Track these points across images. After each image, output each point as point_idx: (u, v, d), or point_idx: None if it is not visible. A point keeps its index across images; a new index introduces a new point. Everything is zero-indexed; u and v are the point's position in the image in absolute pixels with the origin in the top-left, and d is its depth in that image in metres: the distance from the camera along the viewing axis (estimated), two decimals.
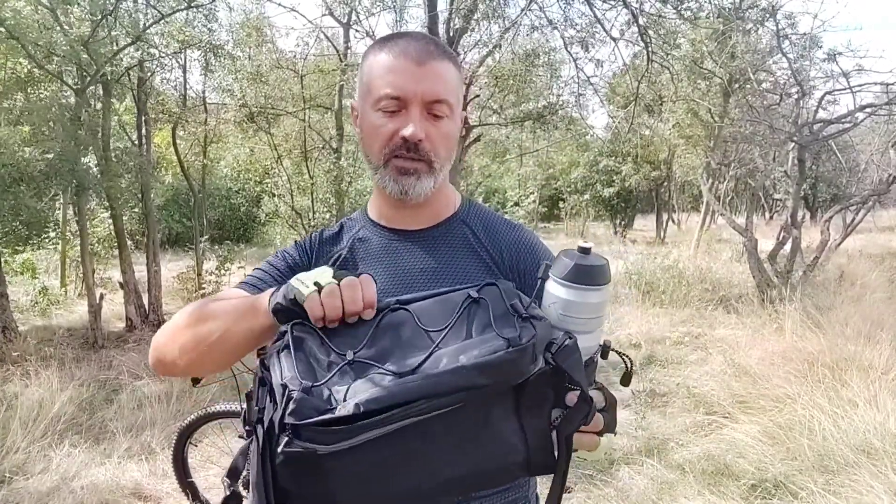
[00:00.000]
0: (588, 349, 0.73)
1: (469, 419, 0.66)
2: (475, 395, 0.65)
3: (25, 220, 6.14)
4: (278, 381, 0.64)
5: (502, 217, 1.01)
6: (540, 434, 0.69)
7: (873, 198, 7.69)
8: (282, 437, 0.61)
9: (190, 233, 9.46)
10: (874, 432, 2.94)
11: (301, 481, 0.63)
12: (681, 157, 13.32)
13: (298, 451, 0.60)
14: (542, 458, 0.70)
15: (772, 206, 20.50)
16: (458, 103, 0.91)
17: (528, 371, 0.67)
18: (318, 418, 0.60)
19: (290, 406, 0.61)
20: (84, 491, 2.81)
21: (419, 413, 0.62)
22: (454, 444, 0.66)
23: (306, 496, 0.64)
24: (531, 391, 0.68)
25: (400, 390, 0.62)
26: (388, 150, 0.87)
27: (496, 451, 0.68)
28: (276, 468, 0.63)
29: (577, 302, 0.71)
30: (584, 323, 0.72)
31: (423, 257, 0.92)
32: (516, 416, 0.68)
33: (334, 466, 0.62)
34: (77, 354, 5.10)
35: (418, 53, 0.85)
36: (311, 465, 0.61)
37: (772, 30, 6.78)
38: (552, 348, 0.68)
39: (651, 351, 5.13)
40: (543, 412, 0.69)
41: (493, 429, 0.67)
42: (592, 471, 3.00)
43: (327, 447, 0.60)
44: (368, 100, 0.88)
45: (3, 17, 4.54)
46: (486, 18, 6.77)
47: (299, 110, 7.85)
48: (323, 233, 1.00)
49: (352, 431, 0.60)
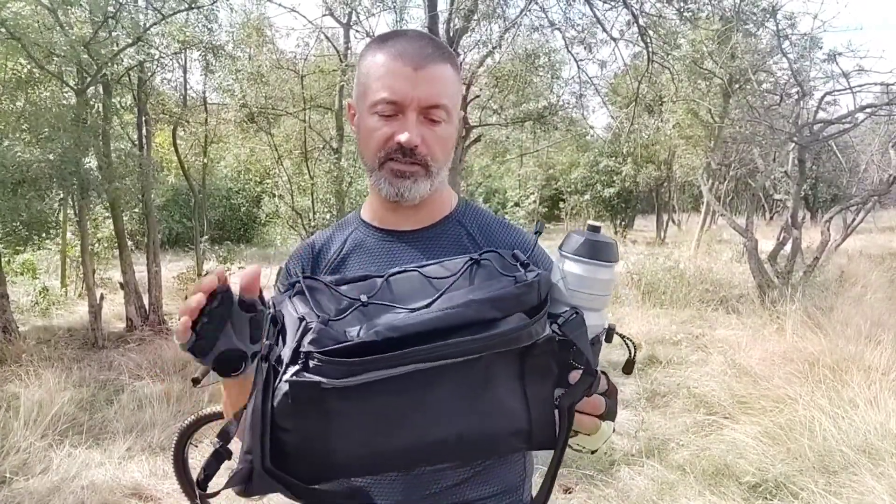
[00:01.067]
0: (593, 328, 0.73)
1: (474, 377, 0.66)
2: (481, 357, 0.65)
3: (26, 221, 6.14)
4: (294, 315, 0.65)
5: (499, 218, 1.01)
6: (543, 405, 0.69)
7: (873, 198, 7.69)
8: (291, 367, 0.61)
9: (190, 233, 9.47)
10: (875, 433, 2.94)
11: (299, 418, 0.62)
12: (681, 158, 13.32)
13: (304, 382, 0.60)
14: (544, 432, 0.69)
15: (772, 207, 20.50)
16: (456, 106, 0.90)
17: (537, 333, 0.67)
18: (337, 346, 0.61)
19: (308, 335, 0.62)
20: (84, 491, 2.81)
21: (430, 358, 0.62)
22: (458, 400, 0.65)
23: (302, 435, 0.62)
24: (536, 360, 0.69)
25: (416, 320, 0.63)
26: (383, 153, 0.86)
27: (498, 413, 0.67)
28: (275, 404, 0.62)
29: (586, 277, 0.73)
30: (591, 299, 0.74)
31: (418, 257, 0.92)
32: (520, 383, 0.69)
33: (336, 407, 0.61)
34: (77, 355, 5.10)
35: (415, 57, 0.84)
36: (313, 401, 0.61)
37: (772, 30, 6.79)
38: (559, 320, 0.70)
39: (651, 351, 5.12)
40: (547, 384, 0.70)
41: (497, 391, 0.67)
42: (593, 471, 3.00)
43: (334, 381, 0.60)
44: (365, 102, 0.88)
45: (4, 17, 4.54)
46: (486, 18, 6.77)
47: (300, 111, 7.86)
48: (314, 243, 1.00)
49: (362, 365, 0.60)
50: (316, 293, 0.69)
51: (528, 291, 0.68)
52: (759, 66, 7.86)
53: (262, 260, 11.17)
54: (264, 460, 0.61)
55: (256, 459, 0.62)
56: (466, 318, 0.64)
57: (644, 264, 7.95)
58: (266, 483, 0.63)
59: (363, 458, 0.64)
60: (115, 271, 6.90)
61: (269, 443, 0.62)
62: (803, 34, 7.35)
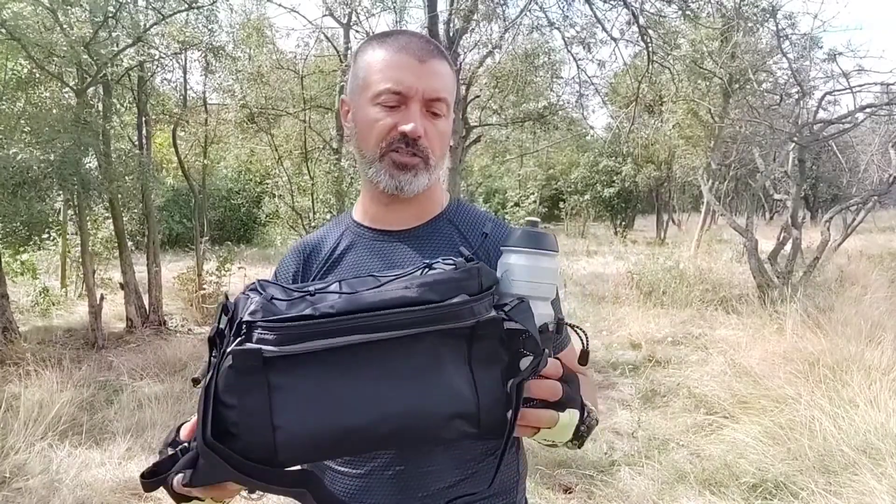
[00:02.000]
0: (541, 316, 0.75)
1: (420, 358, 0.66)
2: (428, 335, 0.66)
3: (26, 221, 6.14)
4: (243, 298, 0.66)
5: (489, 215, 1.01)
6: (491, 390, 0.69)
7: (873, 198, 7.69)
8: (233, 341, 0.61)
9: (190, 233, 9.47)
10: (875, 433, 2.94)
11: (243, 392, 0.61)
12: (681, 158, 13.32)
13: (246, 350, 0.60)
14: (491, 416, 0.68)
15: (772, 207, 20.50)
16: (453, 103, 0.92)
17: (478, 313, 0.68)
18: (273, 317, 0.62)
19: (250, 307, 0.63)
20: (84, 491, 2.81)
21: (369, 328, 0.63)
22: (402, 378, 0.65)
23: (245, 411, 0.61)
24: (483, 344, 0.69)
25: (356, 299, 0.64)
26: (385, 143, 0.86)
27: (444, 395, 0.66)
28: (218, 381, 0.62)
29: (527, 266, 0.76)
30: (536, 288, 0.76)
31: (410, 256, 0.92)
32: (468, 368, 0.68)
33: (278, 381, 0.61)
34: (77, 355, 5.10)
35: (419, 50, 0.86)
36: (256, 372, 0.61)
37: (772, 30, 6.78)
38: (505, 308, 0.70)
39: (651, 351, 5.12)
40: (495, 370, 0.69)
41: (443, 372, 0.67)
42: (593, 471, 3.00)
43: (274, 348, 0.60)
44: (366, 94, 0.87)
45: (4, 17, 4.54)
46: (485, 19, 6.77)
47: (300, 111, 7.86)
48: (304, 246, 1.00)
49: (301, 329, 0.61)
50: (268, 287, 0.70)
51: (468, 277, 0.70)
52: (759, 65, 7.85)
53: (262, 260, 11.16)
54: (206, 433, 0.60)
55: (199, 434, 0.61)
56: (406, 299, 0.65)
57: (644, 264, 7.95)
58: (211, 463, 0.61)
59: (307, 437, 0.63)
60: (115, 271, 6.90)
61: (210, 417, 0.61)
62: (803, 34, 7.35)
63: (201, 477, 0.63)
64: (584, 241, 15.40)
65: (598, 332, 5.92)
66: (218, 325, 0.66)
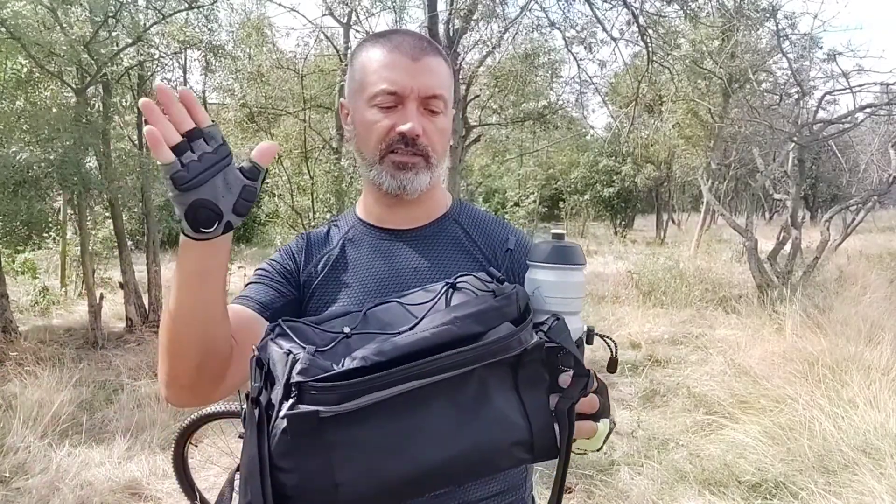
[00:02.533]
0: (575, 330, 0.75)
1: (470, 393, 0.66)
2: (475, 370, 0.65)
3: (26, 220, 6.13)
4: (280, 351, 0.63)
5: (492, 215, 1.02)
6: (541, 412, 0.69)
7: (873, 198, 7.70)
8: (285, 403, 0.59)
9: None
10: (874, 432, 2.94)
11: (300, 455, 0.60)
12: (681, 158, 13.32)
13: (302, 413, 0.58)
14: (544, 440, 0.69)
15: (772, 207, 20.51)
16: (451, 100, 0.91)
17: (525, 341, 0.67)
18: (327, 374, 0.60)
19: (297, 367, 0.60)
20: (84, 491, 2.81)
21: (424, 374, 0.62)
22: (456, 417, 0.65)
23: (304, 474, 0.60)
24: (528, 369, 0.69)
25: (403, 342, 0.63)
26: (384, 145, 0.86)
27: (498, 427, 0.66)
28: (272, 446, 0.60)
29: (559, 282, 0.75)
30: (568, 303, 0.75)
31: (416, 257, 0.92)
32: (516, 393, 0.68)
33: (336, 438, 0.60)
34: (77, 354, 5.10)
35: (412, 49, 0.85)
36: (312, 434, 0.59)
37: (772, 30, 6.79)
38: (543, 328, 0.70)
39: (651, 351, 5.13)
40: (542, 392, 0.69)
41: (493, 404, 0.66)
42: (593, 471, 3.00)
43: (330, 408, 0.59)
44: (363, 96, 0.87)
45: (4, 17, 4.54)
46: (485, 18, 6.78)
47: (299, 110, 7.85)
48: (310, 236, 0.99)
49: (356, 386, 0.59)
50: (298, 331, 0.68)
51: (508, 304, 0.69)
52: (758, 65, 7.86)
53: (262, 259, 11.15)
54: None
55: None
56: (453, 335, 0.64)
57: (644, 264, 7.95)
58: None
59: (369, 489, 0.62)
60: (115, 271, 6.90)
61: (270, 488, 0.60)
62: (803, 34, 7.35)
63: None
64: (583, 240, 15.41)
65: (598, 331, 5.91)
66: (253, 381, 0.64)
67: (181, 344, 0.76)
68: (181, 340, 0.76)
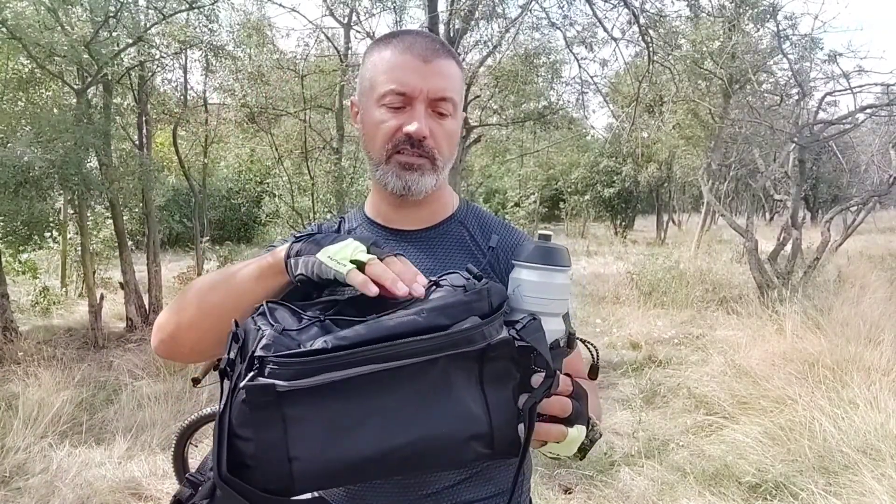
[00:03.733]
0: (552, 332, 0.74)
1: (432, 382, 0.65)
2: (439, 359, 0.65)
3: (26, 220, 6.14)
4: (253, 328, 0.66)
5: (499, 219, 1.02)
6: (503, 409, 0.68)
7: (874, 199, 7.69)
8: (246, 375, 0.61)
9: (190, 233, 9.47)
10: (875, 433, 2.94)
11: (257, 426, 0.62)
12: (681, 158, 13.32)
13: (259, 385, 0.60)
14: (504, 436, 0.68)
15: (772, 207, 20.51)
16: (461, 102, 0.91)
17: (490, 335, 0.67)
18: (286, 352, 0.61)
19: (262, 341, 0.62)
20: (84, 491, 2.81)
21: (382, 358, 0.62)
22: (415, 404, 0.65)
23: (261, 444, 0.62)
24: (495, 364, 0.68)
25: (367, 330, 0.63)
26: (391, 145, 0.87)
27: (457, 417, 0.66)
28: (233, 415, 0.62)
29: (539, 282, 0.75)
30: (547, 304, 0.75)
31: (420, 258, 0.92)
32: (479, 387, 0.68)
33: (293, 413, 0.61)
34: (77, 354, 5.10)
35: (424, 50, 0.85)
36: (270, 407, 0.61)
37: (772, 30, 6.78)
38: (516, 326, 0.70)
39: (651, 351, 5.12)
40: (507, 387, 0.69)
41: (456, 395, 0.66)
42: (593, 471, 3.00)
43: (287, 383, 0.60)
44: (372, 95, 0.88)
45: (5, 17, 4.54)
46: (485, 18, 6.78)
47: (300, 111, 7.85)
48: (322, 227, 1.00)
49: (313, 364, 0.61)
50: (276, 311, 0.70)
51: (478, 299, 0.68)
52: (759, 66, 7.85)
53: None
54: (222, 468, 0.61)
55: (215, 468, 0.62)
56: (417, 326, 0.64)
57: (644, 264, 7.95)
58: (228, 496, 0.62)
59: (324, 466, 0.63)
60: (116, 271, 6.90)
61: (226, 451, 0.62)
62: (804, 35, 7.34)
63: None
64: (584, 241, 15.41)
65: (599, 332, 5.92)
66: (228, 353, 0.66)
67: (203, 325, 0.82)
68: (202, 326, 0.81)
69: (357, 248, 0.72)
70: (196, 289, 0.84)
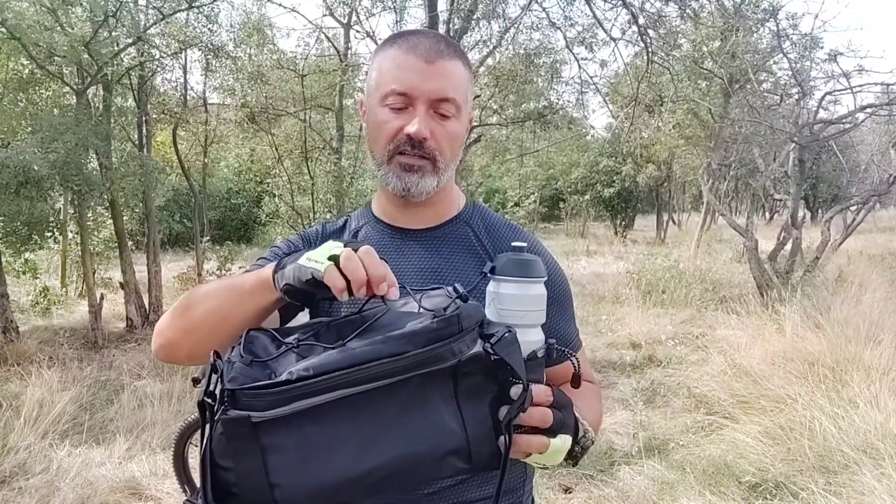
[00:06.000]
0: (529, 343, 0.74)
1: (405, 400, 0.66)
2: (412, 378, 0.65)
3: (26, 220, 6.14)
4: (226, 359, 0.66)
5: (505, 220, 1.01)
6: (479, 423, 0.68)
7: (874, 198, 7.70)
8: (221, 408, 0.62)
9: (190, 233, 9.47)
10: (875, 433, 2.94)
11: (236, 456, 0.63)
12: (681, 158, 13.31)
13: (234, 417, 0.61)
14: (482, 450, 0.68)
15: (772, 207, 20.50)
16: (466, 103, 0.90)
17: (460, 352, 0.67)
18: (252, 384, 0.62)
19: (230, 374, 0.63)
20: (84, 491, 2.81)
21: (350, 383, 0.63)
22: (389, 423, 0.65)
23: (242, 473, 0.63)
24: (470, 379, 0.68)
25: (332, 359, 0.64)
26: (392, 146, 0.86)
27: (433, 434, 0.66)
28: (213, 446, 0.63)
29: (513, 294, 0.75)
30: (522, 315, 0.75)
31: (425, 257, 0.92)
32: (454, 401, 0.68)
33: (270, 443, 0.63)
34: (78, 354, 5.10)
35: (428, 51, 0.85)
36: (247, 438, 0.62)
37: (772, 30, 6.78)
38: (491, 339, 0.69)
39: (651, 351, 5.13)
40: (483, 401, 0.69)
41: (430, 411, 0.67)
42: (593, 471, 3.00)
43: (261, 414, 0.61)
44: (375, 95, 0.88)
45: (5, 17, 4.54)
46: (485, 18, 6.77)
47: (300, 111, 7.85)
48: (326, 226, 1.00)
49: (283, 393, 0.62)
50: (253, 340, 0.70)
51: (447, 326, 0.67)
52: (759, 66, 7.85)
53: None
54: (207, 497, 0.63)
55: (202, 498, 0.63)
56: (382, 354, 0.64)
57: (644, 264, 7.96)
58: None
59: (305, 492, 0.64)
60: (116, 271, 6.90)
61: (210, 481, 0.63)
62: (804, 34, 7.34)
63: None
64: (584, 240, 15.40)
65: (599, 331, 5.92)
66: (208, 386, 0.66)
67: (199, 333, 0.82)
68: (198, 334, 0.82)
69: (334, 245, 0.72)
70: (195, 296, 0.84)
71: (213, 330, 0.80)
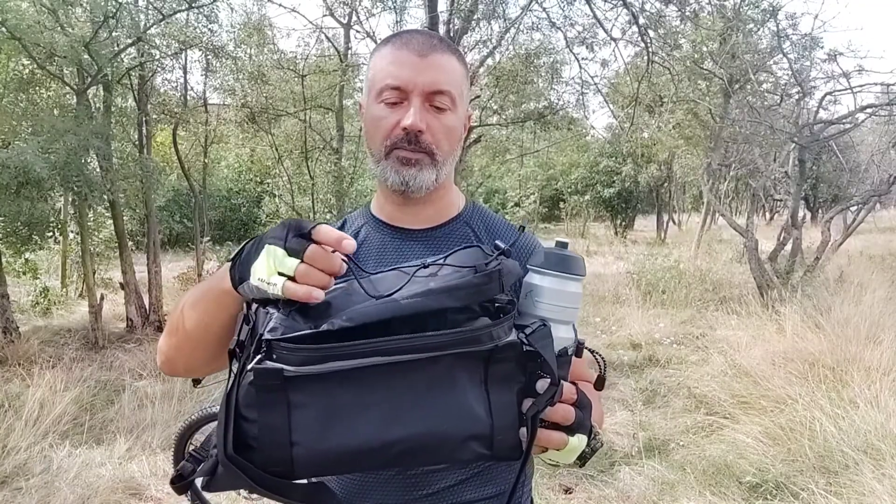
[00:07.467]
0: (561, 340, 0.74)
1: (436, 378, 0.66)
2: (445, 357, 0.65)
3: (27, 221, 6.14)
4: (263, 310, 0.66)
5: (505, 220, 1.02)
6: (506, 411, 0.68)
7: (874, 198, 7.69)
8: (254, 357, 0.63)
9: (190, 233, 9.47)
10: (875, 433, 2.94)
11: (262, 408, 0.63)
12: (681, 158, 13.31)
13: (267, 369, 0.61)
14: (505, 439, 0.68)
15: (772, 207, 20.50)
16: (462, 97, 0.90)
17: (497, 337, 0.67)
18: (294, 334, 0.62)
19: (270, 324, 0.63)
20: (84, 491, 2.81)
21: (389, 351, 0.63)
22: (417, 399, 0.65)
23: (264, 426, 0.63)
24: (500, 366, 0.68)
25: (373, 310, 0.64)
26: (389, 141, 0.87)
27: (459, 416, 0.66)
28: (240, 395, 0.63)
29: (553, 289, 0.75)
30: (559, 311, 0.75)
31: (425, 256, 0.92)
32: (483, 388, 0.68)
33: (297, 399, 0.63)
34: (78, 355, 5.10)
35: (421, 46, 0.86)
36: (275, 390, 0.62)
37: (772, 30, 6.78)
38: (526, 330, 0.70)
39: (651, 351, 5.13)
40: (511, 390, 0.69)
41: (458, 393, 0.67)
42: (593, 471, 3.00)
43: (295, 368, 0.61)
44: (371, 92, 0.89)
45: (5, 17, 4.54)
46: (485, 18, 6.77)
47: (300, 111, 7.85)
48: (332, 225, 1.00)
49: (319, 351, 0.62)
50: None
51: (488, 281, 0.68)
52: (759, 66, 7.85)
53: None
54: (227, 447, 0.62)
55: (220, 447, 0.63)
56: (425, 307, 0.64)
57: (644, 264, 7.95)
58: (230, 474, 0.63)
59: (323, 453, 0.64)
60: (116, 271, 6.89)
61: (232, 431, 0.63)
62: (804, 34, 7.33)
63: (220, 484, 0.65)
64: (584, 241, 15.40)
65: (599, 332, 5.92)
66: (238, 335, 0.67)
67: (188, 347, 0.82)
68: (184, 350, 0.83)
69: (276, 256, 0.65)
70: (178, 312, 0.82)
71: (198, 343, 0.80)
